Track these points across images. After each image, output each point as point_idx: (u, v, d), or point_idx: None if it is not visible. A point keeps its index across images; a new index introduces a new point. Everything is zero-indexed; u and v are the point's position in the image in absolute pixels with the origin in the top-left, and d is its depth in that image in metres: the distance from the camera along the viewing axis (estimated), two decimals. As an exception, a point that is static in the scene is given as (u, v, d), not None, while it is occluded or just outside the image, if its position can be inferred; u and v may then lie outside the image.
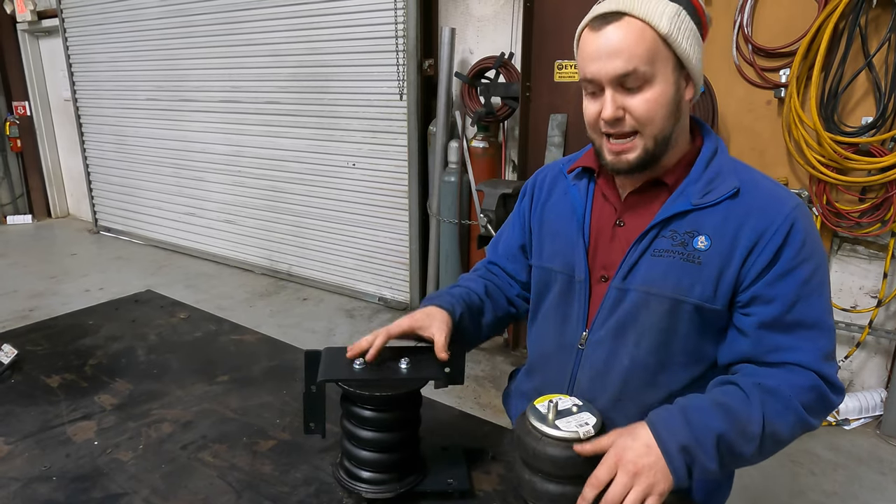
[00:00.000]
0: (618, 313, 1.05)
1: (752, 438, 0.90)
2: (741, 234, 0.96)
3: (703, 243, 0.98)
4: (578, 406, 0.95)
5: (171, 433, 1.22)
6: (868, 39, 2.58)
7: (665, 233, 1.01)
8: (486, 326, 1.22)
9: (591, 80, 0.96)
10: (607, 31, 0.93)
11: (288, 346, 1.64)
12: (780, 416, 0.92)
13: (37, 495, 1.03)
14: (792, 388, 0.93)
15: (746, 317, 0.98)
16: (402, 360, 1.00)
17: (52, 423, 1.25)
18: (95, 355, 1.55)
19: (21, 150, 6.66)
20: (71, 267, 5.27)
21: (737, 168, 1.02)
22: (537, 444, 0.90)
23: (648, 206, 1.05)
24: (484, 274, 1.30)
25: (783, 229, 0.95)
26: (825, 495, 2.42)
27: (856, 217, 2.73)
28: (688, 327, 1.01)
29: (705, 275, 0.98)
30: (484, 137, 3.62)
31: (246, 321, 1.82)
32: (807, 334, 0.95)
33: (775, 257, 0.95)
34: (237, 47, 4.61)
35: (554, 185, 1.20)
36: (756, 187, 0.99)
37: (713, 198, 0.99)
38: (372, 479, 0.99)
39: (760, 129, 2.92)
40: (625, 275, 1.04)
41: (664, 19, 0.91)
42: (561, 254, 1.13)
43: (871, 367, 3.00)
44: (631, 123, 0.96)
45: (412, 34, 3.68)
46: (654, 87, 0.94)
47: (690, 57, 0.95)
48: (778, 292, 0.95)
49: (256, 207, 4.98)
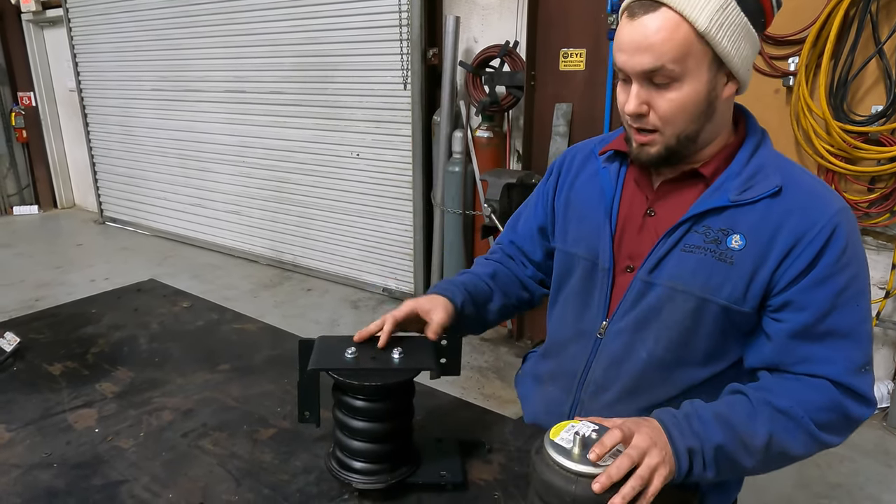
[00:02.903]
0: (641, 306, 1.02)
1: (753, 452, 0.89)
2: (779, 235, 0.91)
3: (737, 242, 0.93)
4: (597, 430, 0.83)
5: (171, 421, 1.22)
6: (879, 26, 2.54)
7: (698, 228, 0.96)
8: (494, 312, 1.20)
9: (621, 69, 0.93)
10: (641, 22, 0.87)
11: (289, 334, 1.63)
12: (789, 433, 0.89)
13: (38, 482, 1.03)
14: (806, 408, 0.90)
15: (777, 322, 0.94)
16: (395, 350, 0.99)
17: (53, 410, 1.25)
18: (97, 343, 1.55)
19: (27, 140, 6.68)
20: (77, 257, 5.30)
21: (781, 164, 0.97)
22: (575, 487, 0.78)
23: (683, 197, 1.00)
24: (500, 258, 1.28)
25: (824, 233, 0.89)
26: (830, 487, 2.40)
27: (864, 207, 2.70)
28: (712, 327, 0.98)
29: (736, 275, 0.94)
30: (488, 127, 3.60)
31: (251, 312, 1.81)
32: (838, 344, 0.91)
33: (813, 262, 0.90)
34: (241, 37, 4.59)
35: (583, 166, 1.15)
36: (799, 186, 0.94)
37: (753, 195, 0.93)
38: (363, 469, 0.98)
39: (768, 118, 2.88)
40: (652, 268, 1.00)
41: (704, 14, 0.84)
42: (585, 239, 1.09)
43: (878, 359, 2.97)
44: (653, 121, 0.93)
45: (416, 23, 3.65)
46: (683, 87, 0.89)
47: (732, 54, 0.88)
48: (812, 299, 0.90)
49: (261, 198, 4.98)
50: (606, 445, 0.78)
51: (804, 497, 2.35)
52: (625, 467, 0.78)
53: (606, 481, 0.76)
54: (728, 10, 0.86)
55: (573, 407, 1.14)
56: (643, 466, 0.79)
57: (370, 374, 0.95)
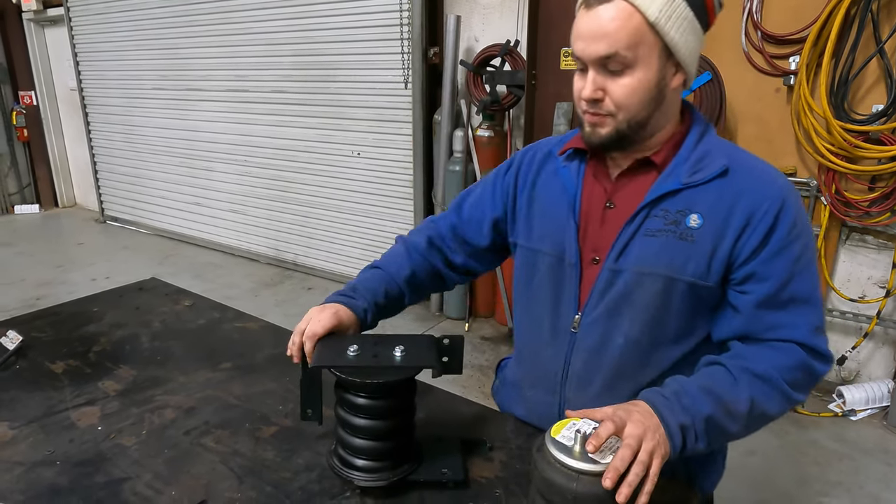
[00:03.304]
0: (611, 294, 1.05)
1: (738, 418, 0.94)
2: (733, 212, 0.98)
3: (695, 221, 0.99)
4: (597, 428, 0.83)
5: (173, 419, 1.22)
6: (880, 25, 2.54)
7: (657, 212, 1.02)
8: (400, 308, 1.26)
9: (578, 58, 0.98)
10: (597, 12, 0.94)
11: (291, 333, 1.63)
12: (767, 396, 0.96)
13: (41, 479, 1.04)
14: (780, 370, 0.96)
15: (743, 294, 1.00)
16: (398, 348, 0.99)
17: (56, 408, 1.25)
18: (99, 342, 1.55)
19: (28, 139, 6.68)
20: (78, 256, 5.30)
21: (725, 148, 1.04)
22: (577, 485, 0.79)
23: (638, 186, 1.05)
24: (425, 251, 1.27)
25: (774, 208, 0.97)
26: (830, 485, 2.41)
27: (865, 206, 2.70)
28: (681, 305, 1.03)
29: (698, 252, 0.99)
30: (489, 126, 3.60)
31: (252, 311, 1.81)
32: (800, 310, 0.98)
33: (768, 235, 0.97)
34: (242, 36, 4.59)
35: (543, 165, 1.19)
36: (745, 167, 1.01)
37: (703, 176, 1.00)
38: (365, 466, 0.99)
39: (769, 117, 2.89)
40: (617, 256, 1.04)
41: (654, 5, 0.91)
42: (550, 235, 1.13)
43: (878, 358, 2.98)
44: (608, 106, 0.98)
45: (417, 22, 3.65)
46: (636, 73, 0.95)
47: (679, 45, 0.95)
48: (773, 270, 0.97)
49: (263, 197, 4.98)
50: (602, 437, 0.80)
51: (804, 495, 2.35)
52: (627, 458, 0.80)
53: (615, 475, 0.78)
54: (676, 4, 0.93)
55: (560, 406, 1.16)
56: (642, 452, 0.82)
57: (372, 372, 0.95)
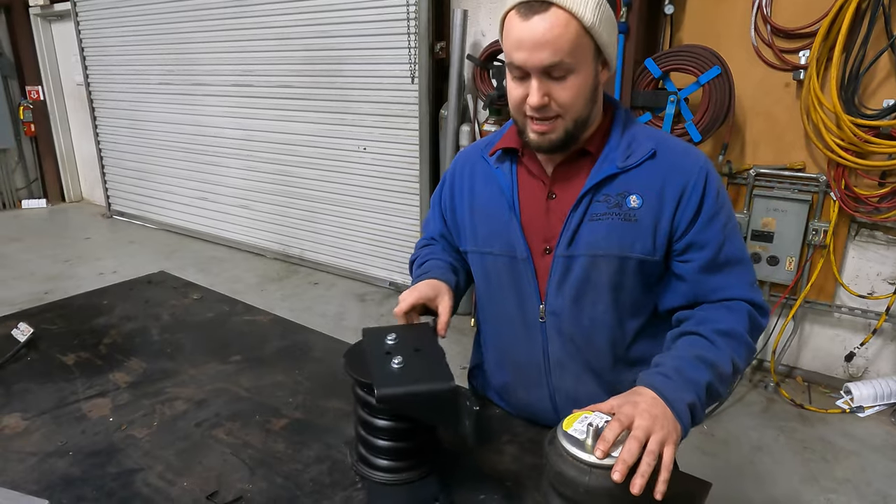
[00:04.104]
0: (570, 280, 1.09)
1: (726, 379, 0.99)
2: (666, 189, 1.05)
3: (635, 202, 1.05)
4: (609, 421, 0.84)
5: (184, 411, 1.23)
6: (892, 19, 2.51)
7: (598, 197, 1.06)
8: (463, 290, 1.29)
9: (519, 67, 0.99)
10: (535, 22, 0.95)
11: (300, 326, 1.64)
12: (739, 353, 1.02)
13: (54, 469, 1.05)
14: (739, 324, 1.03)
15: (685, 263, 1.06)
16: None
17: (67, 399, 1.26)
18: (110, 334, 1.56)
19: (35, 134, 6.70)
20: (85, 251, 5.32)
21: (649, 133, 1.10)
22: (589, 478, 0.79)
23: (576, 176, 1.09)
24: (444, 245, 1.32)
25: (700, 181, 1.04)
26: (837, 482, 2.40)
27: (875, 202, 2.69)
28: (634, 281, 1.08)
29: (643, 230, 1.05)
30: (496, 121, 3.58)
31: (257, 305, 1.82)
32: (737, 270, 1.07)
33: (700, 205, 1.04)
34: (248, 30, 4.59)
35: (475, 171, 1.21)
36: (669, 147, 1.08)
37: (634, 160, 1.06)
38: (386, 467, 1.00)
39: (778, 112, 2.87)
40: (568, 242, 1.08)
41: (588, 10, 0.94)
42: (497, 235, 1.15)
43: (886, 355, 2.96)
44: (555, 109, 1.01)
45: (424, 16, 3.64)
46: (577, 76, 0.98)
47: (608, 44, 1.00)
48: (708, 237, 1.05)
49: (268, 192, 4.98)
50: (609, 440, 0.80)
51: (812, 492, 2.34)
52: (635, 450, 0.80)
53: (623, 467, 0.78)
54: (602, 6, 0.97)
55: (553, 397, 1.17)
56: (651, 442, 0.82)
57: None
